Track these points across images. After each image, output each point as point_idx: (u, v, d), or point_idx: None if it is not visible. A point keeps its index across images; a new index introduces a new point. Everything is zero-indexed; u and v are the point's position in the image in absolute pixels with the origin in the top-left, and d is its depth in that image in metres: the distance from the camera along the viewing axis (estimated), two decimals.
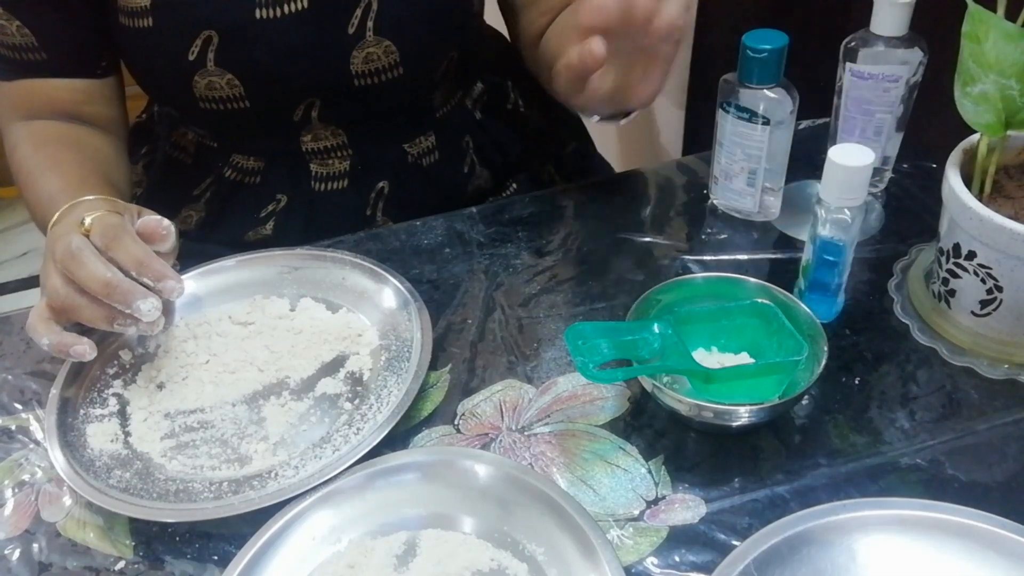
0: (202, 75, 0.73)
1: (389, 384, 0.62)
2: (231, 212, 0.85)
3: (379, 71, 0.76)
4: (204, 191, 0.86)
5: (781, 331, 0.59)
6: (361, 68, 0.76)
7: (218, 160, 0.84)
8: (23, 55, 0.74)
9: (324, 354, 0.66)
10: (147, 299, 0.58)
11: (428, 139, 0.85)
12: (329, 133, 0.81)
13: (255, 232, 0.85)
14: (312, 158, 0.82)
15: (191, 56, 0.72)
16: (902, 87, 0.71)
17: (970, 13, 0.55)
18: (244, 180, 0.84)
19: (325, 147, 0.82)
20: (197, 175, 0.86)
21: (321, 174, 0.83)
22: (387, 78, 0.77)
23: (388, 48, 0.75)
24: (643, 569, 0.51)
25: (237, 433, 0.60)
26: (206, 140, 0.84)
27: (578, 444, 0.58)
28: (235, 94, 0.75)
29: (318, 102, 0.78)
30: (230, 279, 0.72)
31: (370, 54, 0.75)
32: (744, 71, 0.68)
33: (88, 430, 0.61)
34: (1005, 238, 0.56)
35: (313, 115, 0.79)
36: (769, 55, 0.67)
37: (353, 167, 0.83)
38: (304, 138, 0.81)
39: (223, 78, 0.73)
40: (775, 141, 0.71)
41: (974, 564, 0.49)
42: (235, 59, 0.73)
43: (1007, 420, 0.58)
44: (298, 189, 0.83)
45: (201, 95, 0.75)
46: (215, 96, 0.75)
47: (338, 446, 0.58)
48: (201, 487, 0.56)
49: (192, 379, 0.64)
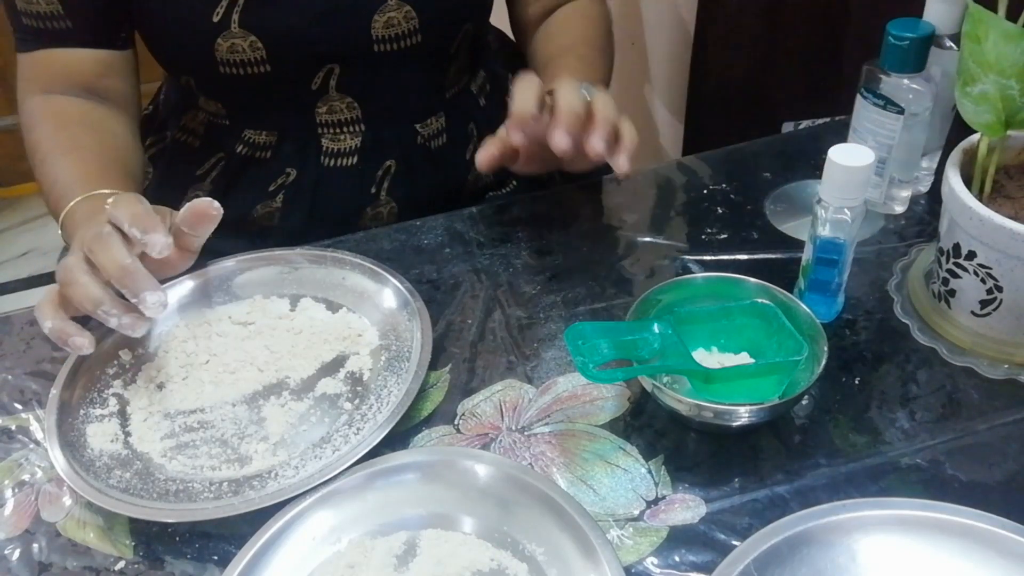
0: (225, 37, 0.74)
1: (389, 384, 0.62)
2: (240, 188, 0.86)
3: (399, 37, 0.78)
4: (210, 170, 0.87)
5: (781, 331, 0.59)
6: (382, 33, 0.78)
7: (229, 138, 0.85)
8: (48, 23, 0.75)
9: (324, 354, 0.66)
10: (155, 292, 0.60)
11: (438, 120, 0.87)
12: (344, 106, 0.82)
13: (264, 206, 0.86)
14: (325, 131, 0.83)
15: (216, 18, 0.74)
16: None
17: (970, 13, 0.55)
18: (255, 155, 0.85)
19: (339, 120, 0.83)
20: (204, 156, 0.87)
21: (332, 149, 0.84)
22: (406, 44, 0.79)
23: (408, 14, 0.78)
24: (643, 569, 0.51)
25: (237, 433, 0.60)
26: (217, 118, 0.85)
27: (578, 444, 0.58)
28: (257, 57, 0.76)
29: (337, 69, 0.79)
30: (230, 279, 0.72)
31: (391, 19, 0.77)
32: (885, 59, 0.68)
33: (88, 430, 0.61)
34: (1005, 238, 0.56)
35: (331, 83, 0.80)
36: (911, 44, 0.66)
37: (364, 144, 0.84)
38: (319, 109, 0.82)
39: (246, 40, 0.75)
40: (909, 132, 0.70)
41: (974, 564, 0.49)
42: (259, 20, 0.74)
43: (1007, 420, 0.58)
44: (307, 164, 0.85)
45: (223, 59, 0.76)
46: (236, 60, 0.76)
47: (338, 446, 0.58)
48: (201, 487, 0.56)
49: (192, 379, 0.64)
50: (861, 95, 0.70)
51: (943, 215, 0.62)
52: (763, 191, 0.80)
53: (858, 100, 0.71)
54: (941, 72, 0.68)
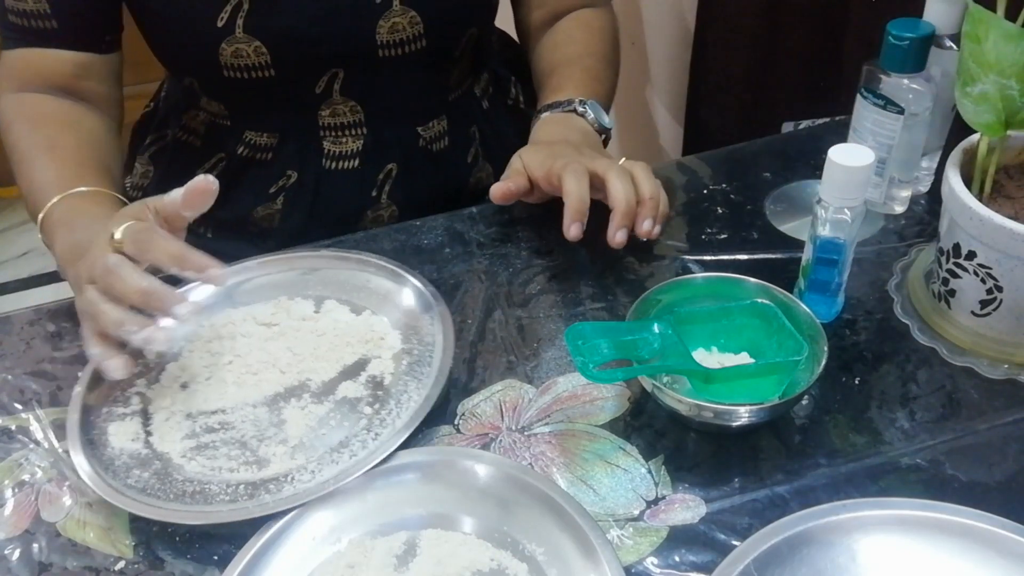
0: (229, 42, 0.74)
1: (410, 389, 0.61)
2: (241, 188, 0.86)
3: (403, 42, 0.78)
4: (211, 169, 0.87)
5: (781, 331, 0.59)
6: (386, 38, 0.77)
7: (230, 139, 0.85)
8: (33, 22, 0.74)
9: (346, 357, 0.65)
10: (183, 304, 0.58)
11: (440, 123, 0.87)
12: (348, 109, 0.82)
13: (264, 207, 0.86)
14: (327, 134, 0.83)
15: (220, 23, 0.73)
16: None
17: (970, 13, 0.55)
18: (256, 156, 0.85)
19: (341, 123, 0.83)
20: (206, 155, 0.87)
21: (333, 152, 0.84)
22: (410, 49, 0.79)
23: (413, 19, 0.77)
24: (643, 569, 0.51)
25: (257, 435, 0.60)
26: (219, 119, 0.85)
27: (578, 444, 0.58)
28: (261, 62, 0.76)
29: (341, 73, 0.79)
30: (256, 280, 0.71)
31: (396, 24, 0.77)
32: (885, 59, 0.68)
33: (110, 428, 0.61)
34: (1005, 238, 0.56)
35: (335, 87, 0.80)
36: (911, 44, 0.66)
37: (365, 146, 0.84)
38: (322, 112, 0.82)
39: (250, 45, 0.74)
40: (909, 132, 0.70)
41: (974, 564, 0.49)
42: (264, 26, 0.74)
43: (1007, 420, 0.58)
44: (308, 166, 0.84)
45: (227, 63, 0.75)
46: (240, 64, 0.75)
47: (355, 451, 0.58)
48: (218, 489, 0.56)
49: (215, 379, 0.64)
50: (861, 95, 0.70)
51: (943, 215, 0.62)
52: (763, 191, 0.80)
53: (858, 100, 0.71)
54: (941, 72, 0.68)
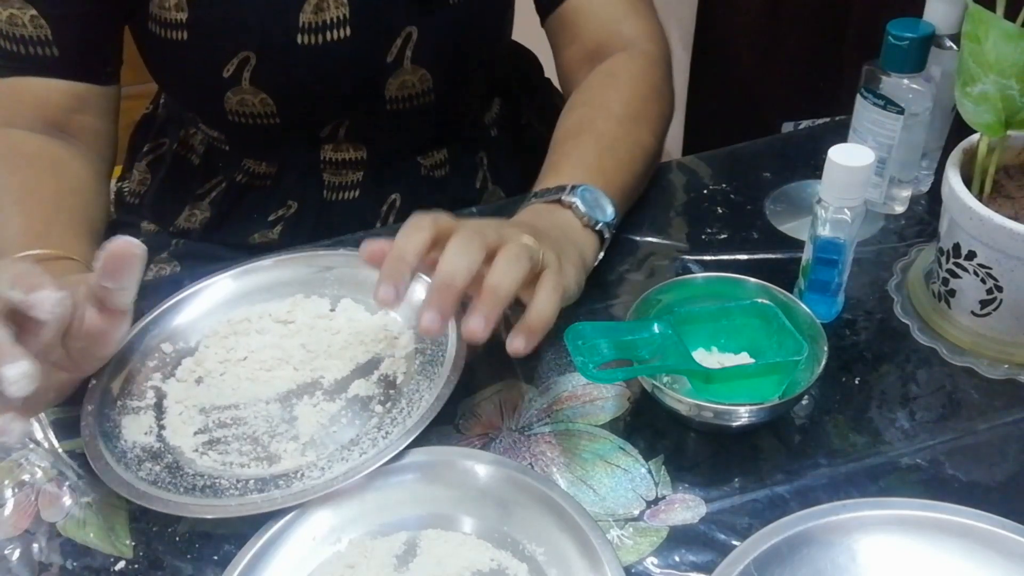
0: (235, 92, 0.73)
1: (421, 388, 0.61)
2: (239, 214, 0.85)
3: (412, 97, 0.78)
4: (211, 190, 0.86)
5: (781, 331, 0.59)
6: (395, 94, 0.77)
7: (228, 164, 0.84)
8: (31, 49, 0.70)
9: (359, 355, 0.65)
10: (15, 364, 0.46)
11: (440, 152, 0.86)
12: (351, 147, 0.81)
13: (261, 235, 0.85)
14: (327, 168, 0.83)
15: (226, 74, 0.72)
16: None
17: (970, 13, 0.55)
18: (254, 184, 0.84)
19: (343, 159, 0.82)
20: (205, 175, 0.86)
21: (334, 183, 0.83)
22: (419, 103, 0.78)
23: (423, 76, 0.77)
24: (643, 569, 0.51)
25: (268, 431, 0.60)
26: (218, 143, 0.84)
27: (578, 444, 0.58)
28: (267, 111, 0.75)
29: (347, 122, 0.79)
30: (272, 277, 0.71)
31: (405, 81, 0.76)
32: (885, 59, 0.68)
33: (124, 421, 0.61)
34: (1005, 238, 0.56)
35: (340, 133, 0.79)
36: (911, 44, 0.66)
37: (366, 178, 0.83)
38: (325, 146, 0.81)
39: (256, 97, 0.73)
40: (909, 132, 0.70)
41: (974, 564, 0.49)
42: (271, 81, 0.73)
43: (1007, 420, 0.58)
44: (309, 197, 0.84)
45: (232, 109, 0.75)
46: (246, 112, 0.75)
47: (365, 449, 0.58)
48: (228, 483, 0.56)
49: (230, 375, 0.64)
50: (861, 95, 0.70)
51: (943, 215, 0.62)
52: (763, 191, 0.80)
53: (858, 100, 0.71)
54: (941, 72, 0.68)
